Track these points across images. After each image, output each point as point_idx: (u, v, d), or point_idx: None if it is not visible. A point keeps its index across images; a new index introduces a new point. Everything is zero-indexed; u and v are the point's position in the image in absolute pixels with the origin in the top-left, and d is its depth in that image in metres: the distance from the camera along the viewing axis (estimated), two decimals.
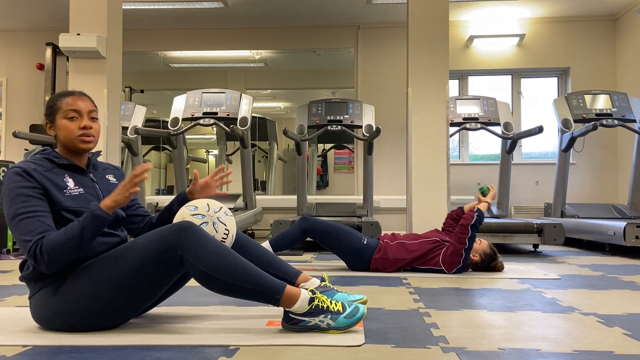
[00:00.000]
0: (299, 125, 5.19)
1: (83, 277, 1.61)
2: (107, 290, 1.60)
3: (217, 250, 1.58)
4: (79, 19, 4.17)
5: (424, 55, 4.30)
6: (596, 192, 6.25)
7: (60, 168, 1.72)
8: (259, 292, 1.60)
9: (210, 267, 1.56)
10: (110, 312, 1.63)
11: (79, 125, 1.73)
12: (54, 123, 1.75)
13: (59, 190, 1.65)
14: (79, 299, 1.60)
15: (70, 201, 1.66)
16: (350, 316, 1.64)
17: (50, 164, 1.71)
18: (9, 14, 6.26)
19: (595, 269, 3.36)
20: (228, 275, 1.56)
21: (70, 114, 1.73)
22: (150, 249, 1.59)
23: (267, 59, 7.11)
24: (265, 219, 5.77)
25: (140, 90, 7.06)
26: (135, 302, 1.66)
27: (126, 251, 1.63)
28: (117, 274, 1.60)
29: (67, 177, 1.71)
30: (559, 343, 1.58)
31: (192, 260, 1.56)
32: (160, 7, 5.94)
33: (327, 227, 3.17)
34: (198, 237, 1.58)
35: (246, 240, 1.91)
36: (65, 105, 1.73)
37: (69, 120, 1.73)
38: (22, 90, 6.70)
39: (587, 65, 6.33)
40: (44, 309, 1.64)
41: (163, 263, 1.59)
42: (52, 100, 1.77)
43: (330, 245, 3.20)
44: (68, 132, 1.72)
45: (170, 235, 1.58)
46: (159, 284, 1.66)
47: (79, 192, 1.70)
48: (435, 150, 4.25)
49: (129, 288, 1.61)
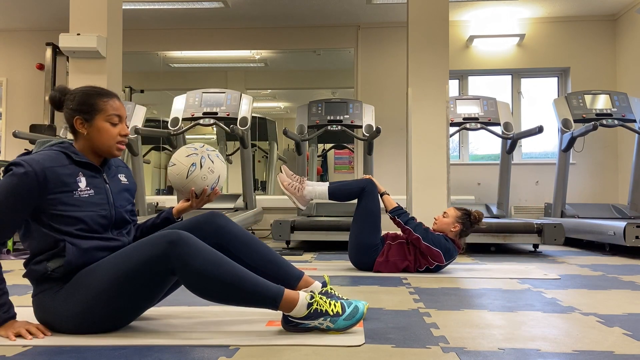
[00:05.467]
0: (299, 125, 5.19)
1: (82, 283, 1.60)
2: (104, 295, 1.58)
3: (209, 261, 1.53)
4: (79, 19, 4.17)
5: (424, 55, 4.30)
6: (596, 192, 6.24)
7: (76, 165, 1.65)
8: (256, 299, 1.58)
9: (203, 278, 1.52)
10: (109, 317, 1.62)
11: (120, 131, 1.70)
12: (90, 122, 1.66)
13: (67, 193, 1.60)
14: (77, 304, 1.59)
15: (75, 206, 1.61)
16: (350, 317, 1.64)
17: (66, 159, 1.64)
18: (9, 14, 6.26)
19: (595, 269, 3.36)
20: (223, 285, 1.53)
21: (114, 119, 1.68)
22: (143, 260, 1.55)
23: (267, 59, 7.11)
24: (265, 219, 5.77)
25: (140, 90, 7.06)
26: (133, 308, 1.65)
27: (122, 258, 1.60)
28: (115, 279, 1.57)
29: (80, 176, 1.64)
30: (559, 343, 1.58)
31: (184, 274, 1.53)
32: (160, 7, 5.94)
33: (376, 207, 3.08)
34: (189, 250, 1.52)
35: (250, 238, 1.85)
36: (111, 108, 1.68)
37: (111, 125, 1.68)
38: (22, 90, 6.70)
39: (587, 65, 6.33)
40: (46, 312, 1.64)
41: (156, 273, 1.57)
42: (91, 98, 1.67)
43: (358, 221, 3.09)
44: (108, 136, 1.68)
45: (160, 249, 1.54)
46: (154, 291, 1.64)
47: (88, 195, 1.64)
48: (435, 150, 4.25)
49: (125, 294, 1.59)
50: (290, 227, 4.27)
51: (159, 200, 6.22)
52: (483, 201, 5.90)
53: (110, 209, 1.69)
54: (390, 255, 3.07)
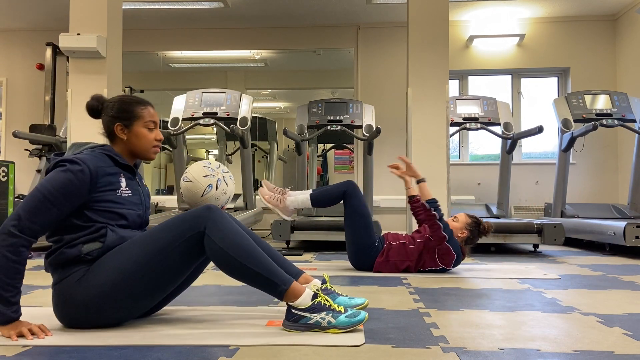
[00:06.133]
0: (299, 125, 5.19)
1: (108, 264, 1.65)
2: (131, 273, 1.64)
3: (236, 232, 1.67)
4: (79, 19, 4.17)
5: (424, 55, 4.30)
6: (596, 192, 6.24)
7: (118, 167, 1.78)
8: (268, 280, 1.65)
9: (227, 246, 1.63)
10: (131, 298, 1.66)
11: (155, 136, 1.84)
12: (129, 128, 1.80)
13: (112, 190, 1.72)
14: (102, 287, 1.62)
15: (119, 203, 1.72)
16: (352, 316, 1.66)
17: (110, 160, 1.76)
18: (9, 14, 6.26)
19: (595, 269, 3.36)
20: (242, 256, 1.63)
21: (150, 124, 1.82)
22: (175, 228, 1.66)
23: (267, 59, 7.11)
24: (265, 219, 5.78)
25: (140, 90, 7.06)
26: (155, 288, 1.69)
27: (154, 231, 1.70)
28: (143, 254, 1.65)
29: (122, 177, 1.77)
30: (559, 343, 1.58)
31: (212, 236, 1.64)
32: (160, 7, 5.94)
33: (363, 206, 3.08)
34: (222, 217, 1.68)
35: (254, 236, 1.90)
36: (148, 115, 1.82)
37: (148, 131, 1.82)
38: (22, 90, 6.70)
39: (587, 65, 6.33)
40: (67, 302, 1.65)
41: (186, 242, 1.65)
42: (130, 106, 1.81)
43: (350, 224, 3.09)
44: (146, 141, 1.82)
45: (195, 214, 1.67)
46: (180, 267, 1.70)
47: (128, 195, 1.76)
48: (435, 150, 4.25)
49: (153, 269, 1.65)
50: (290, 227, 4.27)
51: (159, 200, 6.22)
52: (483, 201, 5.91)
53: (144, 210, 1.84)
54: (391, 255, 3.07)
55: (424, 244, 3.04)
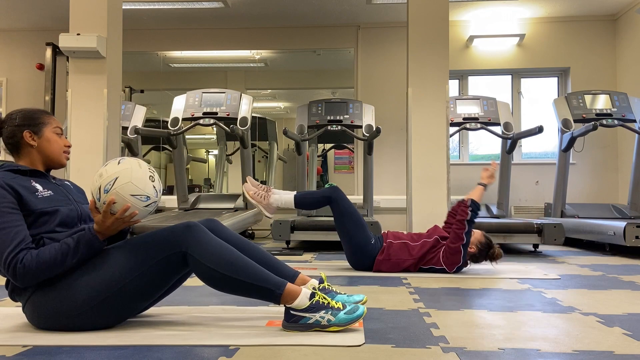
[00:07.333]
0: (299, 125, 5.19)
1: (81, 272, 1.63)
2: (105, 285, 1.61)
3: (220, 248, 1.64)
4: (79, 19, 4.17)
5: (424, 55, 4.30)
6: (596, 192, 6.24)
7: (24, 175, 1.74)
8: (260, 288, 1.62)
9: (213, 264, 1.61)
10: (107, 309, 1.63)
11: (64, 142, 1.84)
12: (39, 134, 1.78)
13: (31, 194, 1.68)
14: (76, 294, 1.60)
15: (44, 203, 1.69)
16: (351, 312, 1.66)
17: (12, 174, 1.71)
18: (9, 14, 6.26)
19: (595, 269, 3.36)
20: (231, 271, 1.61)
21: (58, 130, 1.83)
22: (154, 246, 1.63)
23: (267, 59, 7.11)
24: (265, 219, 5.77)
25: (140, 90, 7.06)
26: (133, 300, 1.67)
27: (128, 247, 1.65)
28: (118, 270, 1.61)
29: (33, 182, 1.73)
30: (559, 343, 1.58)
31: (196, 257, 1.61)
32: (160, 7, 5.94)
33: (350, 207, 3.09)
34: (202, 235, 1.65)
35: (245, 242, 1.90)
36: (54, 121, 1.82)
37: (57, 136, 1.82)
38: (22, 90, 6.70)
39: (587, 65, 6.33)
40: (42, 308, 1.64)
41: (165, 260, 1.63)
42: (35, 113, 1.80)
43: (342, 228, 3.10)
44: (58, 146, 1.81)
45: (175, 233, 1.64)
46: (159, 282, 1.67)
47: (49, 194, 1.73)
48: (435, 150, 4.24)
49: (129, 285, 1.62)
50: (290, 227, 4.27)
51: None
52: (483, 201, 5.90)
53: (76, 204, 1.79)
54: (392, 253, 3.07)
55: (431, 244, 3.05)
